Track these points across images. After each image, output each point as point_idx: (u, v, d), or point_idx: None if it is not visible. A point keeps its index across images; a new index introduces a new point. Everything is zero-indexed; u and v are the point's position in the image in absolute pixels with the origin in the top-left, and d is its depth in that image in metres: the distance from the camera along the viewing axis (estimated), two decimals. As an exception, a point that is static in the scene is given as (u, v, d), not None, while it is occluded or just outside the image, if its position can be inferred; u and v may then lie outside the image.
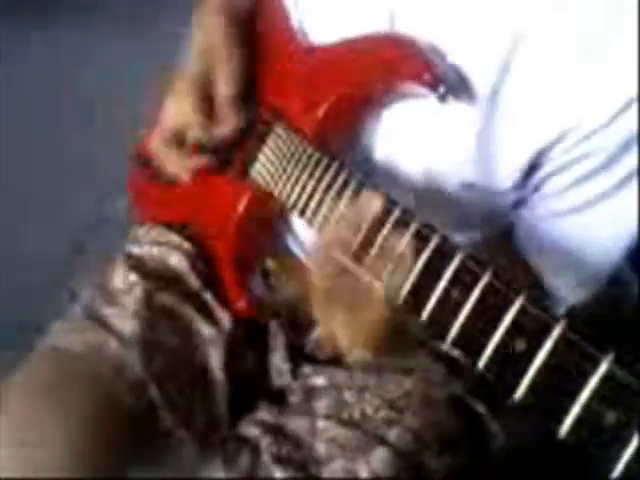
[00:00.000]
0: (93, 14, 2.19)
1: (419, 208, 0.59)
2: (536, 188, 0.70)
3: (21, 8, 2.10)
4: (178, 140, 0.77)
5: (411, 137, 0.71)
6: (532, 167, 0.67)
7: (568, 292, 0.74)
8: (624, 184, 0.65)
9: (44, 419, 0.72)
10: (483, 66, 0.65)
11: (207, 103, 0.76)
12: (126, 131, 0.93)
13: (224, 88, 0.76)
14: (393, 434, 0.75)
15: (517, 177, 0.68)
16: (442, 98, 0.63)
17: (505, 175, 0.68)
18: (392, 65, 0.67)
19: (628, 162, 0.64)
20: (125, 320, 0.80)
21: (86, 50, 2.10)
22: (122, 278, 0.84)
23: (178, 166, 0.79)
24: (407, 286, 0.55)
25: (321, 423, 0.77)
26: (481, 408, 0.81)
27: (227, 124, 0.76)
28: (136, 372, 0.77)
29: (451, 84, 0.63)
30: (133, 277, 0.83)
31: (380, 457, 0.73)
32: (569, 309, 0.74)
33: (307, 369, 0.84)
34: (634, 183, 0.65)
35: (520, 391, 0.45)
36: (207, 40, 0.79)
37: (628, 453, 0.39)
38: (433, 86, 0.63)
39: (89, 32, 2.15)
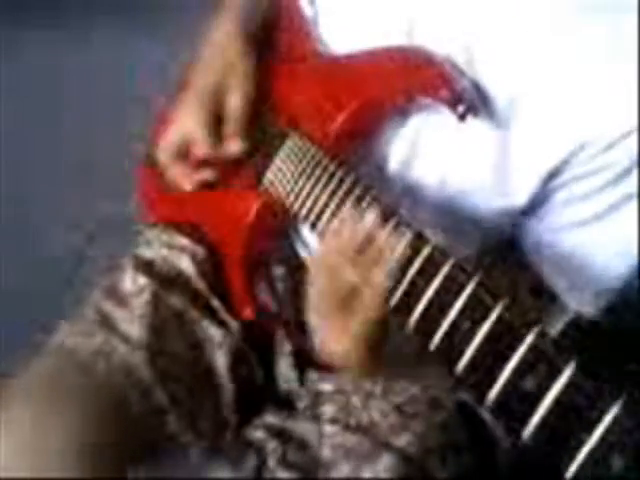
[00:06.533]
0: (93, 13, 2.18)
1: (433, 221, 0.59)
2: (547, 197, 0.69)
3: (19, 8, 2.09)
4: (182, 153, 0.79)
5: (427, 148, 0.70)
6: (550, 176, 0.67)
7: (579, 305, 0.73)
8: (632, 198, 0.65)
9: (50, 420, 0.72)
10: (501, 76, 0.64)
11: (214, 119, 0.76)
12: (129, 131, 0.92)
13: (234, 106, 0.76)
14: (400, 440, 0.75)
15: (534, 187, 0.67)
16: (462, 117, 0.63)
17: (522, 186, 0.68)
18: (412, 81, 0.67)
19: (634, 178, 0.63)
20: (133, 324, 0.80)
21: (87, 50, 2.09)
22: (132, 280, 0.83)
23: (180, 178, 0.81)
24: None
25: (328, 428, 0.77)
26: (486, 414, 0.81)
27: (234, 143, 0.76)
28: (143, 376, 0.77)
29: (471, 102, 0.63)
30: (143, 279, 0.83)
31: (386, 463, 0.73)
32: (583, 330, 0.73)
33: (313, 375, 0.84)
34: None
35: (528, 430, 0.45)
36: (220, 55, 0.78)
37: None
38: (453, 105, 0.63)
39: (89, 30, 2.14)
